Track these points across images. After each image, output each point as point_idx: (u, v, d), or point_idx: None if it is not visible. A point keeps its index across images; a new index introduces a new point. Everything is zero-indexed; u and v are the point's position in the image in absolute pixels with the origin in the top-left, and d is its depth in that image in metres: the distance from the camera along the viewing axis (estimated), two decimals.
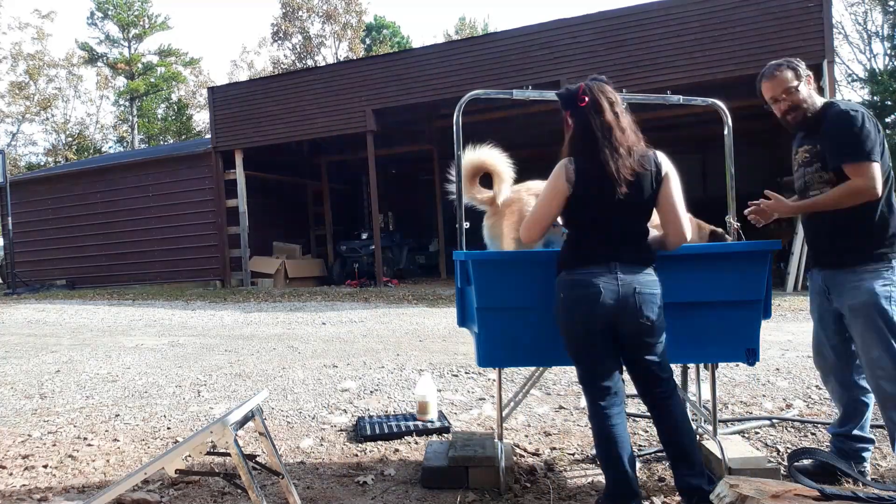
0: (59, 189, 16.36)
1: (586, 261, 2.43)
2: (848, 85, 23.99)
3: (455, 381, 4.90)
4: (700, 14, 10.83)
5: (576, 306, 2.42)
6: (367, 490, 2.90)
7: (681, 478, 2.43)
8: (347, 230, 16.92)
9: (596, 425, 2.45)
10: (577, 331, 2.46)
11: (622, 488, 2.37)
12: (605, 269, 2.40)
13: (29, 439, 3.82)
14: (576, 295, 2.42)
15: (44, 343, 7.52)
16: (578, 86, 2.49)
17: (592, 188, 2.42)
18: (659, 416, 2.50)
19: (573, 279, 2.43)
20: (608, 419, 2.42)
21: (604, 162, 2.38)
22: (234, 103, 14.46)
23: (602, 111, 2.43)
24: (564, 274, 2.48)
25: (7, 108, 34.66)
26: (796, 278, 10.12)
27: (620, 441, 2.40)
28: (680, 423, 2.47)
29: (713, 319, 2.72)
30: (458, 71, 12.38)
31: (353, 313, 9.25)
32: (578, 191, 2.43)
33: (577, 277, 2.42)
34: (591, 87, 2.48)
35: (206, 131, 27.52)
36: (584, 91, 2.46)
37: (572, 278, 2.44)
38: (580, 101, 2.46)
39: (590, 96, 2.45)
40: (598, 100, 2.45)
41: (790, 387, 4.41)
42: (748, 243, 2.77)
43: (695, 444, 2.51)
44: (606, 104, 2.45)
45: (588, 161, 2.43)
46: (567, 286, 2.45)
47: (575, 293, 2.42)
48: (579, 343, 2.47)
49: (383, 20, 39.33)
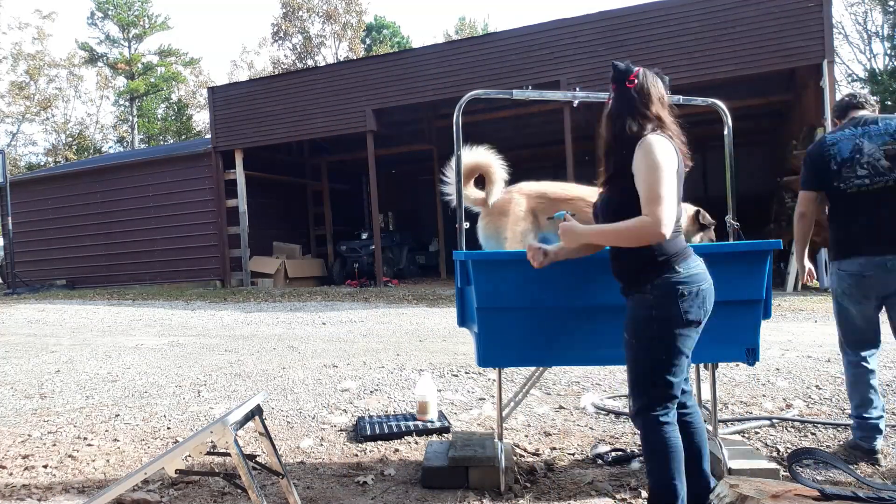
0: (59, 189, 16.35)
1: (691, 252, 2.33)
2: (848, 85, 24.00)
3: (455, 381, 4.90)
4: (700, 14, 10.83)
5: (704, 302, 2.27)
6: (367, 490, 2.90)
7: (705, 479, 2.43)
8: (347, 230, 16.92)
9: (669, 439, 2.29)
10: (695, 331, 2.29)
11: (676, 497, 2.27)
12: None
13: (29, 439, 3.82)
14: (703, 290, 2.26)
15: (44, 343, 7.52)
16: (637, 68, 2.38)
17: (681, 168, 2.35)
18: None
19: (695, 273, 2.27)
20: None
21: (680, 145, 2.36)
22: (235, 103, 14.45)
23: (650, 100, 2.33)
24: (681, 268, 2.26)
25: (7, 108, 34.70)
26: (796, 278, 10.12)
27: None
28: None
29: (713, 319, 2.71)
30: (458, 71, 12.38)
31: (353, 313, 9.25)
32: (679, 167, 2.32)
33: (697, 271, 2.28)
34: (647, 74, 2.36)
35: (206, 131, 27.51)
36: (637, 74, 2.35)
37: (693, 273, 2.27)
38: (629, 81, 2.34)
39: (640, 81, 2.34)
40: (646, 87, 2.34)
41: (790, 387, 4.41)
42: (748, 243, 2.77)
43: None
44: (656, 97, 2.34)
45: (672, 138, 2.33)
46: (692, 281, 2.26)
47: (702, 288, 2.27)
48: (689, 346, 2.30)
49: (383, 20, 39.35)
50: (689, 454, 2.35)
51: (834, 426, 3.55)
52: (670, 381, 2.27)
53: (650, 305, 2.24)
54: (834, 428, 3.53)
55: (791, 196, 11.74)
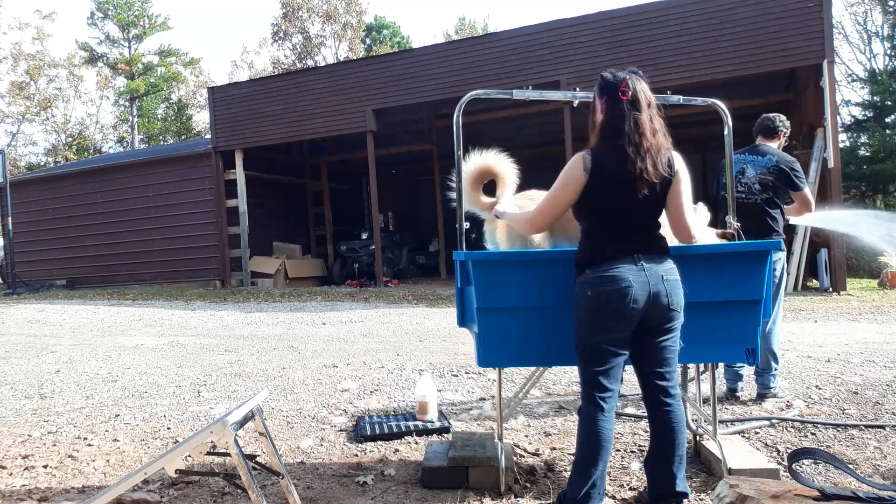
0: (59, 189, 16.35)
1: (611, 257, 2.40)
2: (848, 85, 23.97)
3: (455, 381, 4.90)
4: (700, 14, 10.83)
5: (608, 303, 2.37)
6: (367, 490, 2.90)
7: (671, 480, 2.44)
8: (347, 230, 16.92)
9: (588, 426, 2.43)
10: (605, 329, 2.40)
11: (589, 495, 2.39)
12: (630, 261, 2.39)
13: (29, 439, 3.82)
14: (606, 292, 2.37)
15: (44, 343, 7.52)
16: (624, 77, 2.45)
17: (612, 182, 2.40)
18: (657, 413, 2.48)
19: (601, 276, 2.39)
20: (605, 422, 2.41)
21: (629, 160, 2.38)
22: (235, 103, 14.45)
23: (640, 109, 2.42)
24: (590, 272, 2.42)
25: (7, 108, 34.69)
26: (796, 278, 10.13)
27: (608, 447, 2.43)
28: (680, 424, 2.47)
29: (713, 319, 2.72)
30: (458, 71, 12.38)
31: (353, 313, 9.25)
32: (595, 182, 2.41)
33: (606, 274, 2.38)
34: (636, 83, 2.45)
35: (206, 131, 27.52)
36: (627, 85, 2.42)
37: (600, 276, 2.39)
38: (622, 94, 2.42)
39: (632, 91, 2.42)
40: (638, 98, 2.43)
41: (790, 387, 4.41)
42: (748, 243, 2.77)
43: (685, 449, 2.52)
44: (644, 103, 2.43)
45: (611, 154, 2.41)
46: (595, 284, 2.40)
47: (605, 290, 2.37)
48: (604, 341, 2.41)
49: (383, 20, 39.34)
50: (660, 451, 2.47)
51: (834, 426, 3.55)
52: (591, 370, 2.45)
53: (573, 300, 2.52)
54: (834, 428, 3.53)
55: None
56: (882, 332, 6.42)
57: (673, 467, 2.44)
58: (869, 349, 5.55)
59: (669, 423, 2.46)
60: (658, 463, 2.48)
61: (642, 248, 2.43)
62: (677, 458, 2.45)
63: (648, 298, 2.37)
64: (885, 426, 3.51)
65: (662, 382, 2.47)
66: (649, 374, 2.49)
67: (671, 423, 2.46)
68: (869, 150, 18.24)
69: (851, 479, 2.64)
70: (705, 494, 2.69)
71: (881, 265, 11.53)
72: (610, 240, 2.44)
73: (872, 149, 17.72)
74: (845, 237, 9.34)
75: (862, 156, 18.38)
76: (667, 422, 2.46)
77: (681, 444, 2.46)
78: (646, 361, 2.49)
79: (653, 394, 2.50)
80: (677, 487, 2.44)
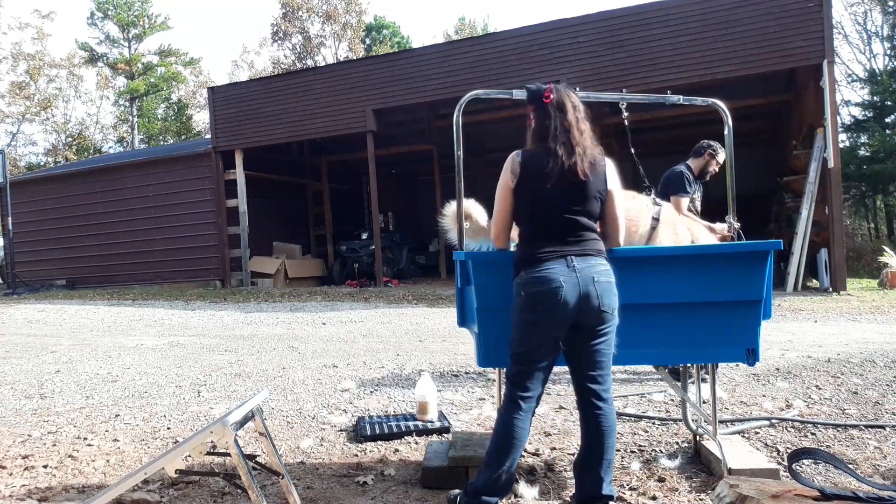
0: (59, 189, 16.35)
1: (544, 257, 2.46)
2: (848, 85, 23.98)
3: (455, 381, 4.90)
4: (700, 14, 10.82)
5: (538, 304, 2.43)
6: (367, 490, 2.90)
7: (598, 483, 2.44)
8: (347, 230, 16.92)
9: (503, 424, 2.48)
10: (536, 329, 2.45)
11: (496, 486, 2.45)
12: (562, 262, 2.43)
13: (29, 439, 3.82)
14: (539, 292, 2.42)
15: (44, 343, 7.52)
16: (547, 85, 2.59)
17: (540, 182, 2.48)
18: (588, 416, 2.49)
19: (533, 277, 2.44)
20: (520, 421, 2.46)
21: (558, 158, 2.46)
22: (235, 103, 14.45)
23: (565, 111, 2.52)
24: (524, 273, 2.48)
25: (7, 108, 34.68)
26: (796, 278, 10.12)
27: (520, 445, 2.47)
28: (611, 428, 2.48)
29: (713, 319, 2.72)
30: (458, 71, 12.38)
31: (353, 313, 9.25)
32: (521, 182, 2.51)
33: (538, 275, 2.44)
34: (559, 89, 2.58)
35: (206, 131, 27.50)
36: (551, 90, 2.56)
37: (532, 276, 2.45)
38: (545, 97, 2.55)
39: (555, 95, 2.55)
40: (562, 100, 2.55)
41: (790, 387, 4.41)
42: (748, 243, 2.76)
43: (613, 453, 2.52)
44: (570, 106, 2.54)
45: (540, 155, 2.50)
46: (528, 284, 2.46)
47: (536, 290, 2.43)
48: (533, 342, 2.47)
49: (383, 20, 39.34)
50: (588, 454, 2.48)
51: (834, 426, 3.55)
52: (515, 368, 2.50)
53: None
54: (834, 428, 3.53)
55: (791, 196, 11.75)
56: (882, 332, 6.42)
57: (600, 471, 2.45)
58: (869, 349, 5.55)
59: (600, 427, 2.47)
60: (586, 466, 2.48)
61: (574, 249, 2.46)
62: (605, 462, 2.45)
63: (579, 299, 2.40)
64: (885, 426, 3.51)
65: (595, 386, 2.49)
66: (583, 378, 2.51)
67: (601, 426, 2.47)
68: (869, 150, 18.25)
69: (851, 479, 2.64)
70: (705, 494, 2.69)
71: (881, 265, 11.53)
72: (543, 241, 2.49)
73: (872, 149, 17.73)
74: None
75: (862, 156, 18.39)
76: (597, 425, 2.47)
77: (609, 448, 2.46)
78: (579, 364, 2.51)
79: (585, 397, 2.51)
80: (603, 490, 2.45)
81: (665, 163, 5.85)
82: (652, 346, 2.71)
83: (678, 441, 3.41)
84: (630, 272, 2.63)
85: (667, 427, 3.64)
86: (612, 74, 11.16)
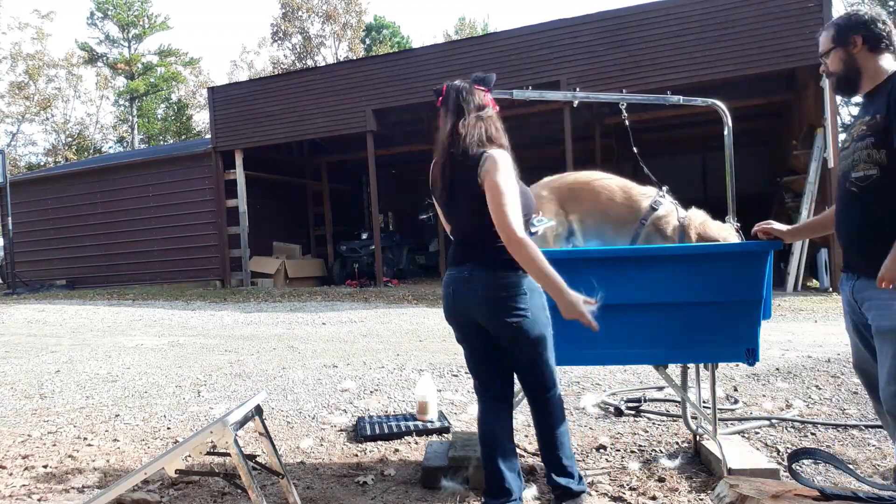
0: (59, 189, 16.34)
1: (449, 262, 2.51)
2: None
3: (455, 381, 4.90)
4: (700, 14, 10.82)
5: (444, 308, 2.51)
6: (367, 490, 2.90)
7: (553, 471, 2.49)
8: (347, 230, 16.91)
9: (478, 420, 2.56)
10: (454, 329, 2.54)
11: (490, 489, 2.46)
12: (459, 269, 2.43)
13: (29, 439, 3.82)
14: (443, 295, 2.50)
15: (44, 343, 7.52)
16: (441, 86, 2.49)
17: (434, 186, 2.52)
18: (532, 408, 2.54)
19: (444, 279, 2.52)
20: (481, 421, 2.52)
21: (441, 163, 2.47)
22: (234, 103, 14.45)
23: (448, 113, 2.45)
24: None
25: (7, 108, 34.68)
26: (796, 278, 10.12)
27: (491, 442, 2.47)
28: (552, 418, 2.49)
29: (713, 320, 2.72)
30: (458, 71, 12.29)
31: (353, 313, 9.25)
32: (433, 189, 2.55)
33: (445, 278, 2.51)
34: (454, 89, 2.44)
35: (206, 131, 27.51)
36: (443, 91, 2.47)
37: (444, 278, 2.53)
38: (437, 100, 2.50)
39: (444, 97, 2.46)
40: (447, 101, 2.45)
41: (790, 387, 4.41)
42: (748, 243, 2.77)
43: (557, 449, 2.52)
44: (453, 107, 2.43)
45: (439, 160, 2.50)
46: (443, 286, 2.53)
47: (443, 293, 2.50)
48: (458, 339, 2.55)
49: (383, 20, 39.34)
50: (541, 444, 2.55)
51: (834, 426, 3.55)
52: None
53: None
54: (834, 428, 3.53)
55: (791, 196, 11.75)
56: None
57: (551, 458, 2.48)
58: None
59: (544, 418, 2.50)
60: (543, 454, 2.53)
61: (473, 257, 2.40)
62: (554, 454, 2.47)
63: (467, 308, 2.40)
64: None
65: (530, 388, 2.52)
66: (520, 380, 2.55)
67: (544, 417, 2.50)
68: None
69: (851, 479, 2.64)
70: (705, 494, 2.69)
71: None
72: (454, 244, 2.53)
73: None
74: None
75: None
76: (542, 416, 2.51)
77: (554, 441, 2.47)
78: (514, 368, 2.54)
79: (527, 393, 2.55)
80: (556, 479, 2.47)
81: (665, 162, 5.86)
82: (652, 345, 2.71)
83: (678, 441, 3.41)
84: (630, 272, 2.63)
85: (667, 427, 3.64)
86: (612, 74, 11.16)
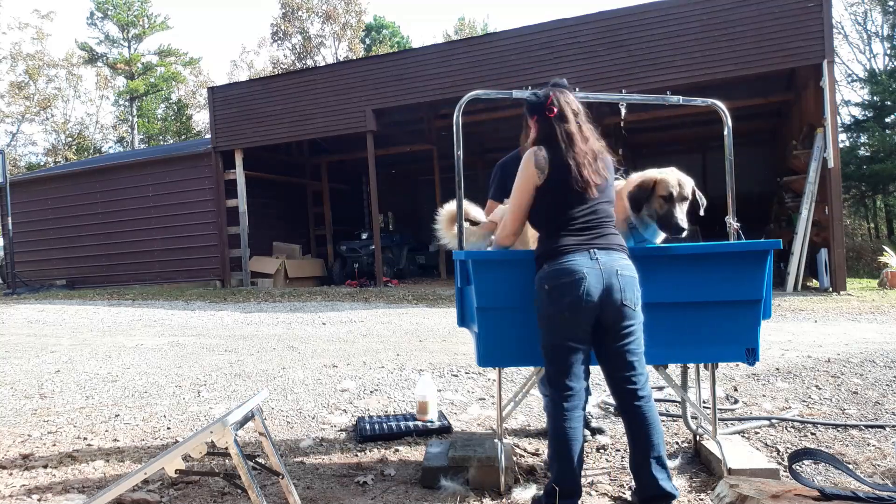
0: (59, 189, 16.35)
1: (566, 250, 2.48)
2: (848, 85, 23.99)
3: (455, 381, 4.90)
4: (700, 14, 10.82)
5: (562, 296, 2.44)
6: (367, 490, 2.90)
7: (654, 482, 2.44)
8: (347, 230, 16.91)
9: (555, 429, 2.50)
10: (562, 322, 2.47)
11: (568, 485, 2.45)
12: (585, 255, 2.46)
13: (29, 439, 3.82)
14: (561, 284, 2.44)
15: (44, 343, 7.52)
16: (548, 95, 2.62)
17: (564, 180, 2.53)
18: (630, 417, 2.50)
19: (556, 269, 2.47)
20: (569, 422, 2.47)
21: (572, 167, 2.52)
22: (234, 103, 14.45)
23: (567, 121, 2.58)
24: (546, 266, 2.51)
25: (7, 108, 34.69)
26: (796, 278, 10.12)
27: (576, 442, 2.47)
28: (653, 424, 2.48)
29: (713, 319, 2.72)
30: (458, 71, 12.37)
31: (353, 313, 9.24)
32: (551, 179, 2.54)
33: (561, 267, 2.46)
34: (559, 98, 2.61)
35: (206, 131, 27.52)
36: (552, 102, 2.59)
37: (555, 269, 2.47)
38: (549, 111, 2.59)
39: (558, 107, 2.59)
40: (564, 111, 2.59)
41: (790, 387, 4.41)
42: (749, 243, 2.77)
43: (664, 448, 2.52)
44: (571, 115, 2.59)
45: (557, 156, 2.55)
46: (551, 277, 2.48)
47: (560, 282, 2.45)
48: (564, 337, 2.48)
49: (383, 20, 39.35)
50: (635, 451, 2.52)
51: (834, 426, 3.55)
52: (553, 370, 2.52)
53: (535, 299, 2.58)
54: (834, 428, 3.53)
55: (791, 196, 11.75)
56: (882, 332, 6.42)
57: (652, 469, 2.44)
58: (869, 349, 5.55)
59: (643, 425, 2.47)
60: (641, 466, 2.48)
61: (598, 243, 2.50)
62: (654, 459, 2.45)
63: (602, 291, 2.42)
64: (885, 426, 3.51)
65: (631, 386, 2.49)
66: (617, 379, 2.52)
67: (644, 424, 2.47)
68: (869, 150, 18.25)
69: (851, 479, 2.64)
70: (705, 494, 2.69)
71: (881, 265, 11.53)
72: (565, 235, 2.52)
73: (872, 149, 17.73)
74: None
75: (862, 156, 18.39)
76: (640, 424, 2.48)
77: (656, 445, 2.46)
78: (611, 365, 2.53)
79: (623, 399, 2.52)
80: (662, 488, 2.43)
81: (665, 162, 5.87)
82: (651, 345, 2.71)
83: (678, 441, 3.41)
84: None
85: (667, 427, 3.64)
86: (612, 74, 11.15)
